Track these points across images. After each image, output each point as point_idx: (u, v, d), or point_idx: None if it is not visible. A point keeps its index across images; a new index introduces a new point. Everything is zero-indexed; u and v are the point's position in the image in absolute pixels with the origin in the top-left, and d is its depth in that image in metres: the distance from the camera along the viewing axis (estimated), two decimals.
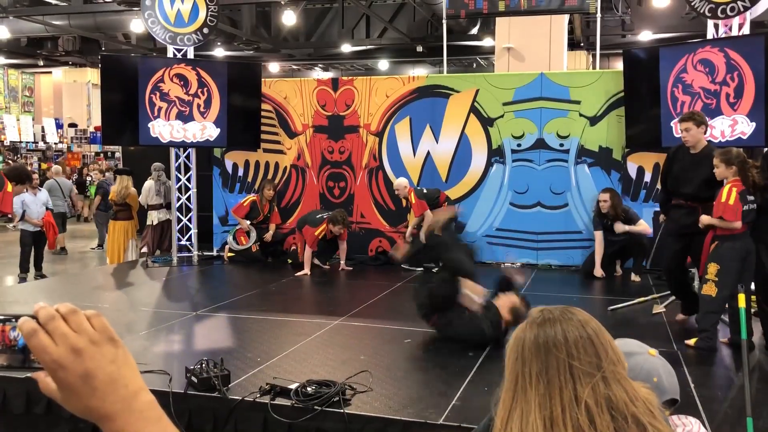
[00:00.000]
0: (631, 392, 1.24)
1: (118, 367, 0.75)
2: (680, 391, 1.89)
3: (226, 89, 7.99)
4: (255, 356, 4.30)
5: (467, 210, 7.99)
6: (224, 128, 8.01)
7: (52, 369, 0.73)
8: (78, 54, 19.12)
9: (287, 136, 8.56)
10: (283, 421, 3.39)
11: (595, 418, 1.18)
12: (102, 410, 0.73)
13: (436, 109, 8.02)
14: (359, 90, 8.31)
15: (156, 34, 8.10)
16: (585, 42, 15.06)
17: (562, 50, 10.30)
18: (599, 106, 7.54)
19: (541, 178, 7.73)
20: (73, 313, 0.74)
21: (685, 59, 6.54)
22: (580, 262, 7.50)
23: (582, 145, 7.61)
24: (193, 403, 3.59)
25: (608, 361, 1.25)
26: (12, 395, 3.87)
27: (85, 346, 0.73)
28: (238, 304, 5.93)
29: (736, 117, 6.21)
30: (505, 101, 7.80)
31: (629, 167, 7.50)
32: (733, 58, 6.20)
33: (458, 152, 7.99)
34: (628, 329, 4.89)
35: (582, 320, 1.30)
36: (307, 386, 3.55)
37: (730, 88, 6.24)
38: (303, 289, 6.92)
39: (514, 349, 1.34)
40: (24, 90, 22.96)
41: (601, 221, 7.01)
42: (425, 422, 3.28)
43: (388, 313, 5.65)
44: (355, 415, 3.36)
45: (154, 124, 7.78)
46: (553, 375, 1.24)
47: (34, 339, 0.72)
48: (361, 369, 3.94)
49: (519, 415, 1.24)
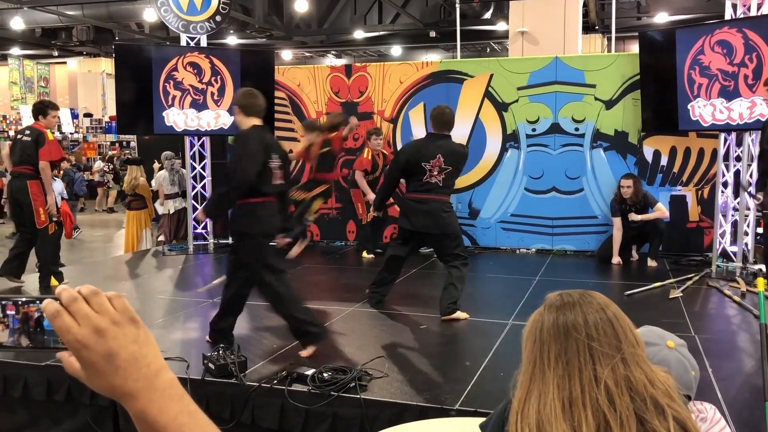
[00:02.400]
0: (650, 374, 1.23)
1: (140, 347, 0.76)
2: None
3: (240, 77, 7.98)
4: (271, 343, 4.33)
5: (482, 196, 7.96)
6: None
7: (76, 349, 0.74)
8: (92, 44, 19.22)
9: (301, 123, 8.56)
10: (300, 406, 3.41)
11: (615, 399, 1.17)
12: (125, 388, 0.75)
13: (450, 94, 7.97)
14: (373, 76, 8.28)
15: (169, 23, 8.10)
16: (600, 25, 14.90)
17: (577, 34, 10.20)
18: (615, 90, 7.46)
19: (556, 163, 7.68)
20: (95, 295, 0.75)
21: (702, 41, 6.45)
22: (596, 248, 7.46)
23: (597, 129, 7.54)
24: (211, 389, 3.62)
25: (628, 343, 1.24)
26: (33, 383, 3.93)
27: (107, 327, 0.74)
28: (253, 291, 5.94)
29: (755, 99, 6.12)
30: (519, 86, 7.74)
31: (645, 151, 7.42)
32: (752, 38, 6.10)
33: (472, 137, 7.95)
34: (644, 314, 4.86)
35: (602, 303, 1.30)
36: (323, 372, 3.56)
37: (748, 69, 6.15)
38: (318, 276, 6.93)
39: (532, 333, 1.34)
40: (39, 80, 23.12)
41: (620, 207, 6.96)
42: (441, 407, 3.29)
43: (404, 300, 5.65)
44: (371, 401, 3.38)
45: (169, 113, 7.80)
46: (572, 356, 1.23)
47: (58, 320, 0.73)
48: (377, 355, 3.95)
49: (537, 397, 1.23)
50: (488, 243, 7.96)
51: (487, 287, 6.45)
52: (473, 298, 5.60)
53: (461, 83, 7.96)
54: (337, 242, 8.47)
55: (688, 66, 6.56)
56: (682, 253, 7.18)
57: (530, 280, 6.22)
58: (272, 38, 17.51)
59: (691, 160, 7.32)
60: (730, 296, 5.56)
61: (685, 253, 7.19)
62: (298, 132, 8.55)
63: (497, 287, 6.34)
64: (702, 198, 7.29)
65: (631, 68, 7.30)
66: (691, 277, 6.19)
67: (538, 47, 9.90)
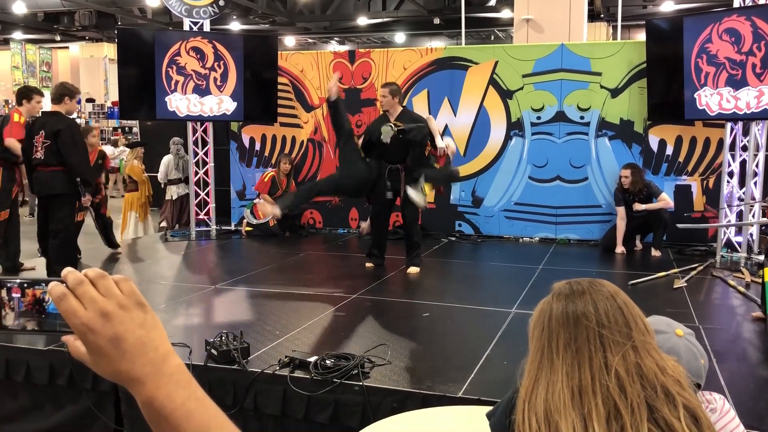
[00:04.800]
0: (660, 362, 1.22)
1: (147, 331, 0.75)
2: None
3: (243, 63, 7.94)
4: (274, 329, 4.32)
5: (485, 184, 7.93)
6: (241, 102, 7.98)
7: (82, 332, 0.73)
8: (94, 29, 19.16)
9: (304, 109, 8.52)
10: (303, 393, 3.40)
11: (626, 387, 1.15)
12: (132, 373, 0.73)
13: (455, 81, 7.92)
14: (376, 62, 8.22)
15: (172, 7, 8.05)
16: (605, 13, 14.79)
17: (582, 22, 10.11)
18: (621, 78, 7.40)
19: (561, 151, 7.64)
20: (102, 278, 0.74)
21: (710, 29, 6.39)
22: (599, 237, 7.43)
23: (603, 118, 7.49)
24: (213, 375, 3.61)
25: (638, 331, 1.23)
26: (35, 367, 3.92)
27: (113, 310, 0.73)
28: (256, 277, 5.95)
29: (762, 88, 6.07)
30: (524, 73, 7.69)
31: (651, 140, 7.38)
32: (761, 27, 6.04)
33: (477, 125, 7.91)
34: (648, 303, 4.83)
35: (611, 291, 1.28)
36: (325, 359, 3.55)
37: (756, 58, 6.09)
38: (321, 263, 6.92)
39: (540, 321, 1.32)
40: (42, 65, 23.05)
41: (623, 197, 6.92)
42: (444, 395, 3.28)
43: (407, 287, 5.64)
44: (374, 388, 3.37)
45: (171, 98, 7.77)
46: (582, 344, 1.21)
47: (64, 303, 0.72)
48: (379, 342, 3.94)
49: (545, 386, 1.22)
50: (491, 231, 7.94)
51: (491, 276, 6.43)
52: (477, 286, 5.59)
53: (466, 70, 7.90)
54: (340, 230, 8.46)
55: (695, 54, 6.50)
56: (686, 243, 7.15)
57: (533, 269, 6.20)
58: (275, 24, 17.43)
59: (697, 149, 7.27)
60: (734, 286, 5.54)
61: (690, 243, 7.16)
62: (300, 117, 8.52)
63: (500, 276, 6.33)
64: (707, 188, 7.25)
65: (638, 56, 7.24)
66: (695, 267, 6.16)
67: (542, 35, 9.82)
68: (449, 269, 6.59)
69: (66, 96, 5.92)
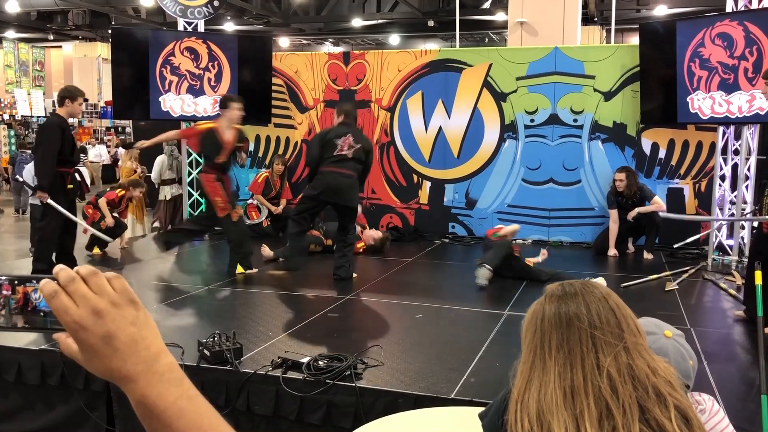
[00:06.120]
0: (651, 363, 1.23)
1: (139, 329, 0.75)
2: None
3: (237, 63, 7.94)
4: (267, 330, 4.31)
5: (479, 186, 7.94)
6: None
7: (74, 330, 0.72)
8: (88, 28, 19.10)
9: (298, 110, 8.52)
10: (295, 394, 3.40)
11: (618, 387, 1.16)
12: (124, 371, 0.73)
13: (449, 83, 7.94)
14: (371, 64, 8.23)
15: (166, 7, 8.04)
16: (599, 17, 14.86)
17: (576, 25, 10.13)
18: (614, 81, 7.44)
19: (554, 154, 7.66)
20: (94, 275, 0.74)
21: (702, 33, 6.43)
22: (592, 239, 7.45)
23: (596, 121, 7.52)
24: (206, 376, 3.61)
25: (630, 332, 1.24)
26: (26, 367, 3.91)
27: (105, 308, 0.73)
28: (249, 278, 5.94)
29: (754, 92, 6.11)
30: (518, 76, 7.71)
31: (643, 143, 7.41)
32: (753, 31, 6.09)
33: (470, 127, 7.93)
34: (640, 306, 4.86)
35: (603, 293, 1.29)
36: (318, 360, 3.55)
37: (748, 62, 6.13)
38: (314, 264, 6.91)
39: (532, 323, 1.33)
40: (35, 64, 22.96)
41: (616, 200, 6.95)
42: (437, 396, 3.28)
43: (400, 289, 5.65)
44: (366, 389, 3.37)
45: (165, 98, 7.75)
46: (574, 345, 1.22)
47: (56, 300, 0.72)
48: (372, 343, 3.95)
49: (537, 386, 1.23)
50: (485, 233, 7.94)
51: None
52: (469, 288, 5.60)
53: (460, 72, 7.92)
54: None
55: (688, 58, 6.54)
56: (678, 246, 7.18)
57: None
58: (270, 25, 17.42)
59: (689, 153, 7.31)
60: (725, 289, 5.57)
61: (682, 246, 7.19)
62: (294, 118, 8.51)
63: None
64: (699, 191, 7.29)
65: (631, 60, 7.27)
66: (687, 270, 6.19)
67: (536, 38, 9.84)
68: (442, 271, 6.60)
69: (66, 98, 5.89)
